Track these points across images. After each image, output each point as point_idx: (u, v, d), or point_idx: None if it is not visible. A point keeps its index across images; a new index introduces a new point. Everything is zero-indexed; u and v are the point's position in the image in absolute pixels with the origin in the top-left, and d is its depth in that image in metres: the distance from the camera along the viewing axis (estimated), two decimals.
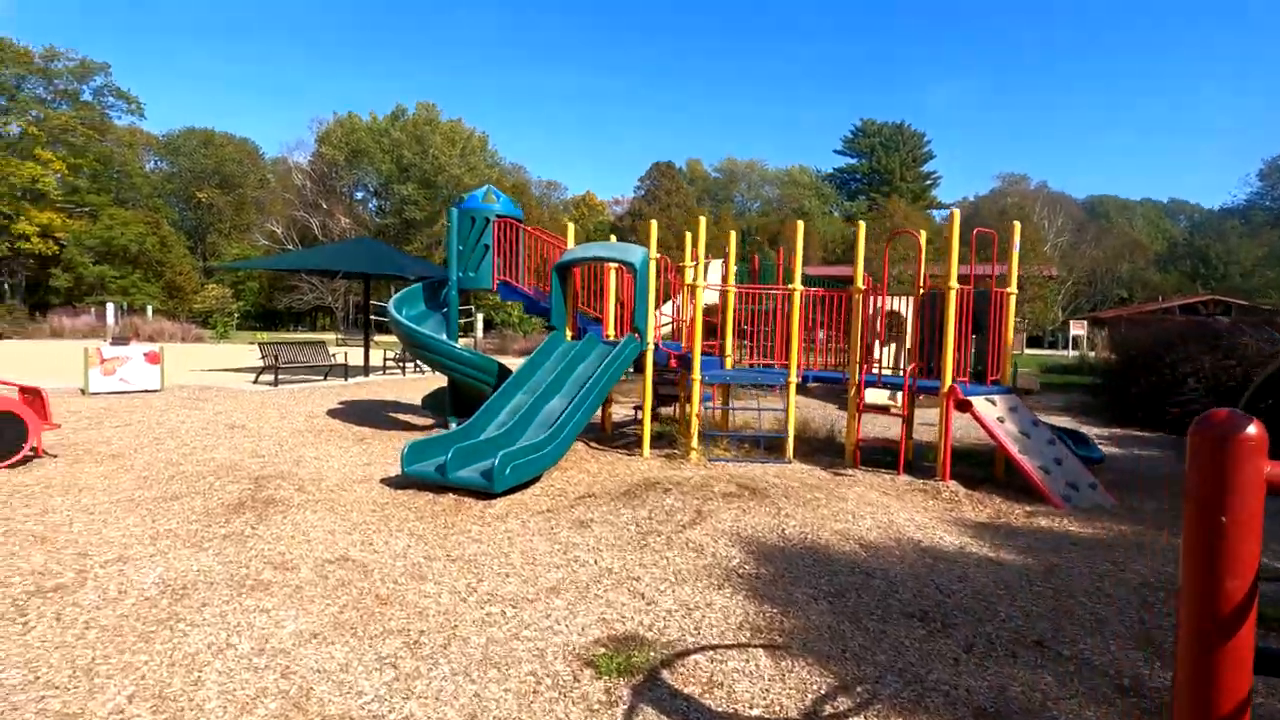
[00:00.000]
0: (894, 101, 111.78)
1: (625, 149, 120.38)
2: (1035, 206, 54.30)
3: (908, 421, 7.43)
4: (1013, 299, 7.40)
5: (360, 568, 4.19)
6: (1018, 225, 7.49)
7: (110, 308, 31.55)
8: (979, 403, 6.65)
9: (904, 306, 8.88)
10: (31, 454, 6.55)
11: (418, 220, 51.57)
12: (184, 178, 57.98)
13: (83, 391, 11.11)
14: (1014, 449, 6.45)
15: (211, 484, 5.84)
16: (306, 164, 55.24)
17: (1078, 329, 36.15)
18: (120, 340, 13.04)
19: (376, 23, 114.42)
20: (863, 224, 8.00)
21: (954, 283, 6.76)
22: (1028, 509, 6.09)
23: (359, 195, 57.37)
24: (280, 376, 14.01)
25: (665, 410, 10.43)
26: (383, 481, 6.37)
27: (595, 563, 4.35)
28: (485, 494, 5.83)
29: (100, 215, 45.13)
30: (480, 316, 27.38)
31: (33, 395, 6.83)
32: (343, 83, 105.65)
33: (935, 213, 68.87)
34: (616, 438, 9.26)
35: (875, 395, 7.78)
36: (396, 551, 4.52)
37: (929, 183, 73.23)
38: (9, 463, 6.29)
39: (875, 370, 7.80)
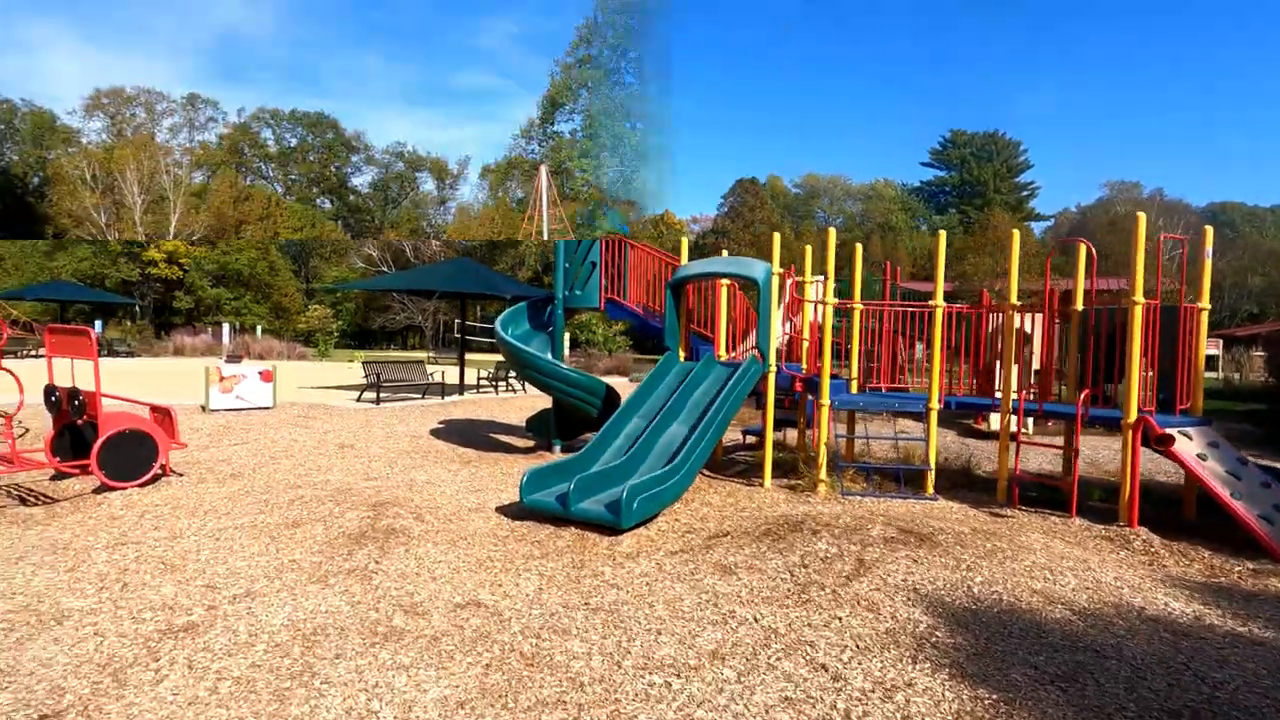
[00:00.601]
0: (984, 112, 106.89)
1: (701, 167, 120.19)
2: (1150, 215, 50.08)
3: (1076, 455, 6.48)
4: (1205, 315, 6.37)
5: (495, 615, 3.79)
6: (1209, 230, 6.47)
7: (225, 327, 33.66)
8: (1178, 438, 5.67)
9: (1029, 323, 7.86)
10: (160, 473, 6.62)
11: (502, 242, 52.92)
12: None
13: (203, 408, 11.52)
14: (1225, 493, 5.43)
15: (331, 510, 5.64)
16: None
17: (1211, 348, 32.82)
18: (234, 358, 13.59)
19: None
20: (1015, 233, 7.14)
21: (1139, 296, 5.84)
22: (1250, 565, 5.08)
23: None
24: (380, 394, 14.20)
25: (775, 435, 9.73)
26: (498, 510, 6.04)
27: (755, 620, 3.78)
28: (610, 529, 5.38)
29: (218, 242, 48.75)
30: (566, 335, 27.41)
31: (163, 415, 6.93)
32: None
33: (1034, 225, 64.88)
34: (728, 464, 8.67)
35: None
36: (529, 596, 4.10)
37: (1025, 193, 69.12)
38: (140, 481, 6.35)
39: (1033, 397, 6.89)
